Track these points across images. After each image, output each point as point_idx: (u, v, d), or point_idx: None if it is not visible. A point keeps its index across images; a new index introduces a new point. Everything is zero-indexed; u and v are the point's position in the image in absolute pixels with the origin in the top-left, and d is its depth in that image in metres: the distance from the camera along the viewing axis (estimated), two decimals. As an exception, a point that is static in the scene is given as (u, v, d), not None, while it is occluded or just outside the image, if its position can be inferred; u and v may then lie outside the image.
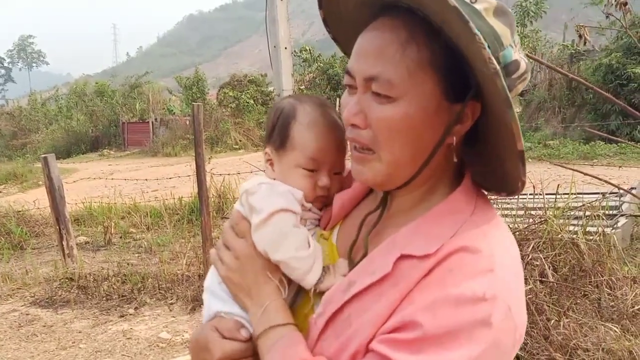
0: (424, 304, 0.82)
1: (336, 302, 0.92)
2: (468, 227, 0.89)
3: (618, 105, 2.57)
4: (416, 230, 0.91)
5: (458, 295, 0.80)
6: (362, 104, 0.91)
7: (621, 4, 2.42)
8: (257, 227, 1.02)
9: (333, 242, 1.08)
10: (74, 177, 14.59)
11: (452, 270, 0.83)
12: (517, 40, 0.89)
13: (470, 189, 0.96)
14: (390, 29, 0.88)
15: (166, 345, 4.57)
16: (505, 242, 0.91)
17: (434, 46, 0.86)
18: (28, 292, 5.95)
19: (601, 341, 3.59)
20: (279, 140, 1.11)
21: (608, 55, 15.59)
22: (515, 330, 0.84)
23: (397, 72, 0.86)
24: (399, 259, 0.88)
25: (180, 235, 7.65)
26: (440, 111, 0.88)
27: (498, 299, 0.81)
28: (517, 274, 0.90)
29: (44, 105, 37.16)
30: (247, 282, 1.03)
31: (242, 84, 28.88)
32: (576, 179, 5.41)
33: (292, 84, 4.93)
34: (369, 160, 0.93)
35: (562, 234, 4.47)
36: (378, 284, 0.88)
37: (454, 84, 0.87)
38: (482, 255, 0.84)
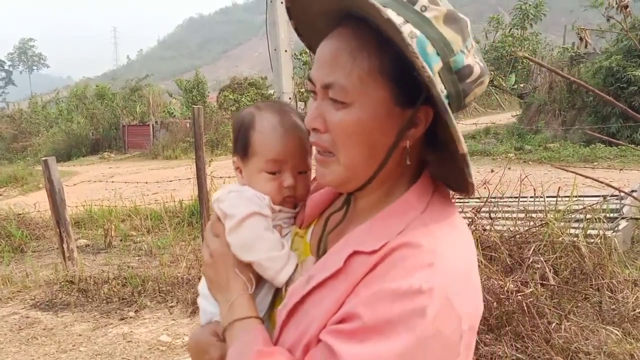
0: (365, 297, 0.87)
1: (297, 295, 0.98)
2: (415, 224, 0.94)
3: (618, 108, 2.57)
4: (369, 228, 0.97)
5: (395, 289, 0.85)
6: (321, 109, 0.97)
7: (622, 7, 2.42)
8: (230, 232, 1.10)
9: (307, 241, 1.15)
10: (75, 180, 14.60)
11: (394, 265, 0.88)
12: (470, 46, 0.93)
13: (426, 187, 1.01)
14: (344, 38, 0.94)
15: (166, 349, 4.57)
16: (454, 238, 0.95)
17: (383, 55, 0.91)
18: (28, 295, 5.95)
19: (602, 344, 3.59)
20: (242, 148, 1.20)
21: (608, 58, 15.57)
22: (458, 320, 0.86)
23: (349, 79, 0.91)
24: (351, 255, 0.94)
25: (181, 238, 7.65)
26: (391, 116, 0.93)
27: (434, 291, 0.84)
28: (463, 267, 0.93)
29: (45, 108, 37.19)
30: (219, 278, 1.11)
31: (243, 86, 28.92)
32: (577, 181, 5.42)
33: (292, 86, 4.94)
34: (329, 162, 0.99)
35: (563, 236, 4.47)
36: (332, 279, 0.94)
37: (405, 91, 0.92)
38: (423, 250, 0.89)
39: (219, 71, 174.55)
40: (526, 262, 4.16)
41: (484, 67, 0.95)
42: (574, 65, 17.90)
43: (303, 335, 0.94)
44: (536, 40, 33.08)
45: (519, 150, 15.69)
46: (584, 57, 17.97)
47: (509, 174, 5.29)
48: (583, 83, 2.82)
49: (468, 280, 0.93)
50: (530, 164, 10.68)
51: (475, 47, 0.95)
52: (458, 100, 0.94)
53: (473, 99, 0.97)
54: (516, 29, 32.60)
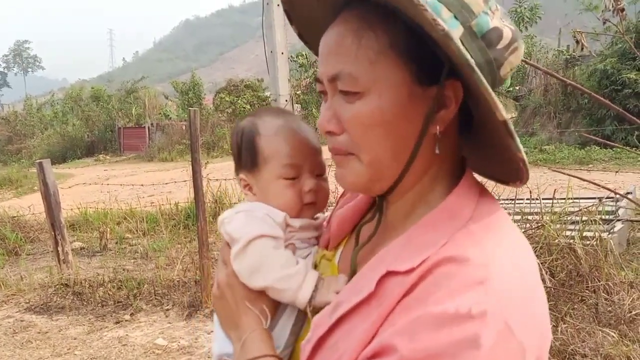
0: (401, 325, 0.72)
1: (323, 326, 0.83)
2: (461, 235, 0.77)
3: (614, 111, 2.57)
4: (406, 242, 0.81)
5: (439, 314, 0.69)
6: (334, 108, 0.83)
7: (619, 10, 2.43)
8: (236, 257, 0.97)
9: (335, 264, 0.99)
10: (70, 182, 14.56)
11: (437, 285, 0.72)
12: (493, 7, 0.78)
13: (471, 188, 0.85)
14: (345, 22, 0.81)
15: (162, 352, 4.54)
16: (509, 250, 0.78)
17: (393, 29, 0.78)
18: (23, 298, 5.91)
19: (599, 346, 3.59)
20: (249, 159, 1.06)
21: (603, 60, 15.66)
22: (522, 352, 0.70)
23: (358, 64, 0.79)
24: (384, 276, 0.78)
25: (177, 241, 7.62)
26: (414, 98, 0.79)
27: (488, 315, 0.68)
28: (522, 285, 0.75)
29: (40, 110, 37.13)
30: (228, 313, 0.98)
31: (239, 89, 28.92)
32: (572, 183, 5.43)
33: (288, 89, 4.93)
34: (348, 160, 0.85)
35: (559, 239, 4.47)
36: (363, 304, 0.79)
37: (423, 66, 0.78)
38: (471, 264, 0.72)
39: (215, 73, 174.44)
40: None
41: (515, 30, 0.80)
42: (569, 68, 17.99)
43: None
44: (531, 43, 33.15)
45: (515, 152, 15.72)
46: (578, 60, 18.06)
47: (505, 176, 5.29)
48: (579, 86, 2.82)
49: (531, 301, 0.76)
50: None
51: (500, 9, 0.80)
52: (492, 73, 0.78)
53: (509, 70, 0.81)
54: (511, 31, 32.65)
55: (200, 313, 5.19)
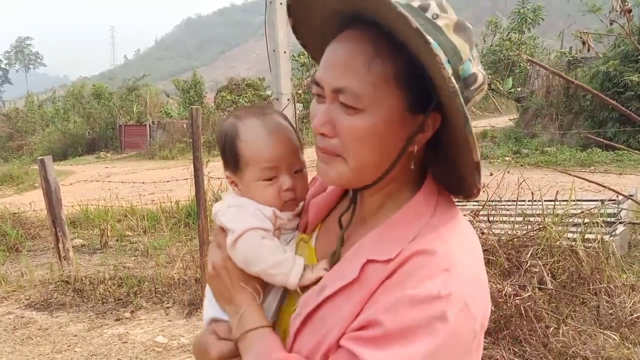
0: (385, 304, 0.88)
1: (311, 303, 0.99)
2: (427, 230, 0.95)
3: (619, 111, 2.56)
4: (381, 235, 0.98)
5: (414, 295, 0.87)
6: (330, 114, 0.96)
7: (626, 11, 2.42)
8: (231, 246, 1.09)
9: (312, 246, 1.15)
10: (71, 179, 14.56)
11: (411, 273, 0.89)
12: (475, 54, 0.96)
13: (431, 191, 1.02)
14: (358, 41, 0.92)
15: (162, 350, 4.54)
16: (464, 240, 0.98)
17: (398, 61, 0.91)
18: (23, 295, 5.91)
19: (600, 349, 3.59)
20: (232, 162, 1.17)
21: (605, 62, 15.63)
22: (474, 321, 0.90)
23: (363, 85, 0.90)
24: (365, 264, 0.95)
25: (177, 239, 7.62)
26: (403, 122, 0.94)
27: (452, 296, 0.87)
28: (476, 270, 0.96)
29: (41, 107, 37.11)
30: (224, 290, 1.12)
31: (240, 87, 28.93)
32: (574, 185, 5.42)
33: (290, 88, 4.92)
34: (334, 161, 0.98)
35: (561, 241, 4.46)
36: (348, 287, 0.95)
37: (417, 97, 0.93)
38: (438, 256, 0.90)
39: (216, 72, 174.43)
40: (524, 266, 4.15)
41: (484, 74, 0.98)
42: (571, 70, 17.95)
43: (321, 343, 0.95)
44: (534, 44, 33.17)
45: (516, 153, 15.71)
46: (581, 62, 18.03)
47: (506, 177, 5.29)
48: (585, 85, 2.82)
49: (479, 282, 0.96)
50: (528, 167, 10.70)
51: (477, 56, 0.98)
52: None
53: (472, 105, 1.00)
54: (514, 32, 32.67)
55: (200, 311, 5.17)
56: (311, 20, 1.06)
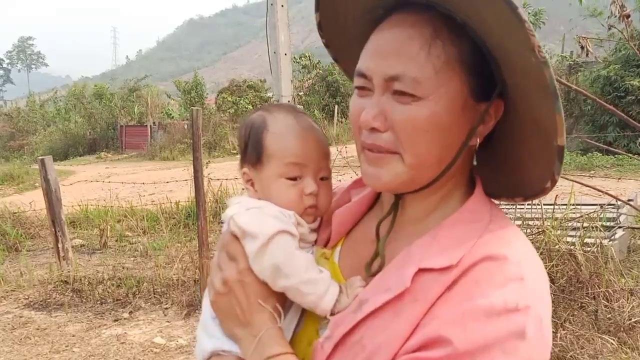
0: (451, 317, 0.76)
1: (346, 323, 0.85)
2: (488, 235, 0.84)
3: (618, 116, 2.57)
4: (433, 241, 0.85)
5: (488, 306, 0.75)
6: (382, 106, 0.84)
7: (624, 16, 2.43)
8: (257, 254, 0.93)
9: (335, 262, 1.00)
10: (71, 179, 14.55)
11: (479, 281, 0.78)
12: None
13: (483, 196, 0.92)
14: (411, 25, 0.83)
15: (160, 351, 4.54)
16: (530, 250, 0.86)
17: (459, 42, 0.82)
18: (22, 295, 5.91)
19: (598, 353, 3.58)
20: (254, 154, 1.03)
21: (606, 67, 15.64)
22: (548, 345, 0.78)
23: (423, 70, 0.81)
24: (417, 273, 0.81)
25: (177, 240, 7.62)
26: (466, 110, 0.84)
27: (531, 309, 0.76)
28: (545, 284, 0.84)
29: (42, 107, 37.17)
30: (237, 310, 0.94)
31: (241, 89, 28.96)
32: (574, 189, 5.41)
33: (291, 89, 4.93)
34: (388, 161, 0.86)
35: (560, 245, 4.46)
36: (395, 301, 0.82)
37: (480, 82, 0.84)
38: (510, 262, 0.79)
39: (217, 73, 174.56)
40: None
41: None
42: (572, 74, 17.96)
43: None
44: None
45: (517, 157, 15.69)
46: (582, 66, 18.04)
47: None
48: (584, 91, 2.82)
49: (549, 300, 0.84)
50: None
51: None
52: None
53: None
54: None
55: (199, 312, 5.14)
56: (340, 19, 0.99)
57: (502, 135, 0.90)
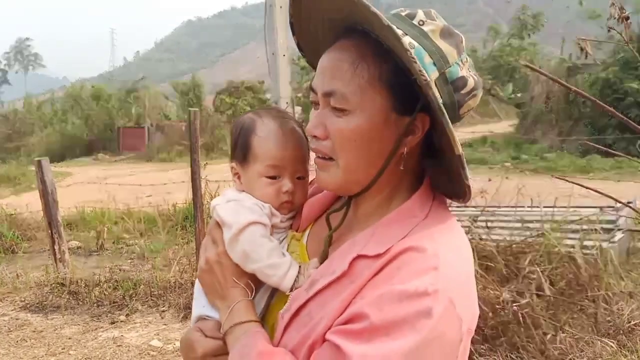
0: (372, 298, 0.90)
1: (300, 299, 1.01)
2: (419, 229, 0.97)
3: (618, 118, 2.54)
4: (373, 233, 1.00)
5: (402, 290, 0.88)
6: (322, 117, 1.01)
7: (623, 18, 2.41)
8: (230, 242, 1.11)
9: (304, 243, 1.18)
10: (68, 181, 14.53)
11: (399, 268, 0.91)
12: (465, 59, 0.99)
13: (427, 194, 1.05)
14: (345, 49, 0.98)
15: (157, 354, 4.51)
16: (455, 243, 1.00)
17: (383, 65, 0.95)
18: (18, 297, 5.88)
19: (597, 356, 3.57)
20: (241, 153, 1.21)
21: (605, 69, 15.67)
22: (460, 323, 0.91)
23: (350, 88, 0.96)
24: (355, 259, 0.97)
25: (174, 242, 7.59)
26: (390, 124, 0.98)
27: (439, 293, 0.88)
28: (464, 272, 0.98)
29: (40, 108, 37.14)
30: (216, 285, 1.13)
31: (240, 90, 28.96)
32: (574, 192, 5.40)
33: (289, 91, 4.92)
34: (328, 166, 1.03)
35: (559, 247, 4.45)
36: (337, 282, 0.97)
37: (403, 99, 0.96)
38: (427, 254, 0.92)
39: (216, 75, 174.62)
40: (522, 272, 4.14)
41: (478, 80, 1.00)
42: (571, 76, 17.99)
43: (307, 337, 0.97)
44: (534, 51, 33.26)
45: (516, 159, 15.72)
46: (581, 68, 18.07)
47: (505, 183, 5.27)
48: (584, 93, 2.80)
49: (468, 284, 0.98)
50: (527, 173, 10.69)
51: (469, 61, 1.00)
52: (453, 111, 0.98)
53: (467, 111, 1.02)
54: (514, 38, 32.75)
55: (196, 315, 5.15)
56: (314, 36, 1.12)
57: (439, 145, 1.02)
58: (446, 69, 0.95)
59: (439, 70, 0.95)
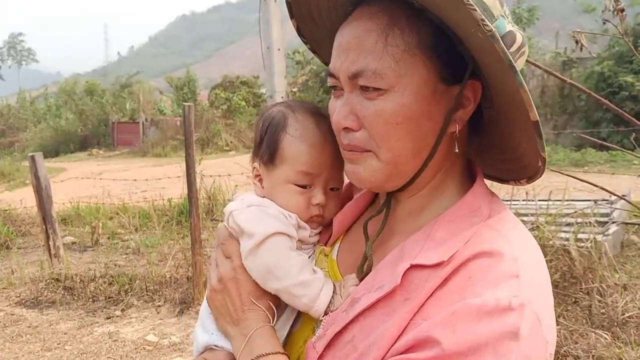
0: (441, 317, 0.73)
1: (338, 322, 0.83)
2: (485, 229, 0.80)
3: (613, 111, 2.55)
4: (426, 237, 0.82)
5: (480, 305, 0.71)
6: (352, 104, 0.83)
7: (619, 10, 2.41)
8: (250, 254, 0.93)
9: (333, 258, 1.00)
10: (62, 176, 14.47)
11: (471, 278, 0.74)
12: (507, 12, 0.82)
13: (484, 189, 0.88)
14: (368, 17, 0.81)
15: (153, 348, 4.51)
16: (530, 246, 0.83)
17: (419, 27, 0.79)
18: (13, 292, 5.86)
19: (592, 348, 3.59)
20: (268, 153, 1.00)
21: (600, 63, 15.70)
22: (545, 345, 0.74)
23: (383, 61, 0.79)
24: (409, 270, 0.79)
25: (169, 237, 7.58)
26: (437, 96, 0.81)
27: (525, 308, 0.71)
28: (545, 280, 0.80)
29: (33, 103, 36.95)
30: (230, 308, 0.94)
31: (234, 85, 28.84)
32: (568, 185, 5.42)
33: (284, 85, 4.90)
34: (364, 157, 0.84)
35: (554, 240, 4.47)
36: (386, 299, 0.79)
37: (448, 65, 0.80)
38: (505, 259, 0.75)
39: (211, 69, 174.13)
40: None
41: (524, 35, 0.83)
42: (566, 70, 18.01)
43: None
44: (529, 44, 33.27)
45: (510, 153, 15.75)
46: (576, 62, 18.09)
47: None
48: (579, 86, 2.80)
49: (550, 296, 0.81)
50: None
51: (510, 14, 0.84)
52: None
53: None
54: (508, 32, 32.76)
55: (192, 310, 5.15)
56: (315, 17, 0.96)
57: (493, 119, 0.87)
58: (492, 23, 0.76)
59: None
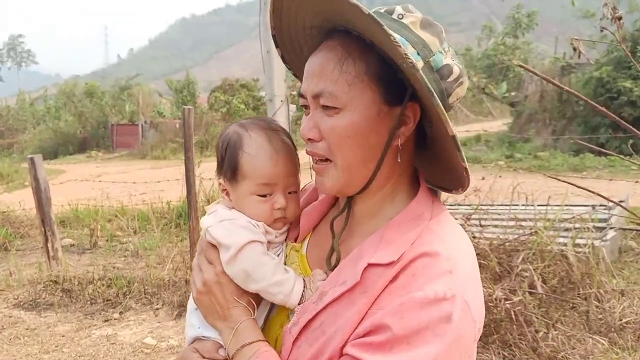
0: (391, 308, 0.89)
1: (309, 312, 0.99)
2: (427, 233, 0.97)
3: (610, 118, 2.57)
4: (380, 239, 0.99)
5: (422, 298, 0.88)
6: (315, 119, 1.01)
7: (616, 18, 2.43)
8: (229, 263, 1.08)
9: (303, 253, 1.16)
10: (61, 178, 14.47)
11: (415, 275, 0.91)
12: (446, 48, 0.99)
13: (427, 195, 1.05)
14: (329, 49, 1.00)
15: (151, 351, 4.51)
16: (461, 244, 1.01)
17: (368, 58, 0.96)
18: (12, 294, 5.85)
19: (589, 354, 3.60)
20: (230, 171, 1.15)
21: (599, 68, 15.73)
22: (474, 324, 0.92)
23: (338, 85, 0.96)
24: (367, 268, 0.95)
25: (168, 240, 7.57)
26: (382, 115, 0.98)
27: (457, 297, 0.89)
28: (473, 272, 0.99)
29: (32, 105, 36.89)
30: (216, 306, 1.10)
31: (234, 88, 28.86)
32: (567, 191, 5.43)
33: (284, 89, 4.91)
34: (327, 169, 1.02)
35: (552, 245, 4.47)
36: (349, 293, 0.96)
37: (391, 90, 0.97)
38: (441, 258, 0.93)
39: (210, 72, 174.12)
40: (515, 270, 4.16)
41: (462, 68, 1.01)
42: (565, 75, 18.05)
43: (322, 351, 0.95)
44: (528, 49, 33.34)
45: (509, 158, 15.76)
46: (574, 68, 18.12)
47: (499, 181, 5.29)
48: (576, 93, 2.82)
49: (477, 284, 0.99)
50: (521, 172, 10.73)
51: (451, 51, 1.01)
52: (443, 100, 0.97)
53: (456, 99, 1.02)
54: (508, 37, 32.83)
55: (190, 313, 5.14)
56: (295, 48, 1.13)
57: (434, 136, 1.02)
58: (430, 57, 0.96)
59: (423, 59, 0.96)
